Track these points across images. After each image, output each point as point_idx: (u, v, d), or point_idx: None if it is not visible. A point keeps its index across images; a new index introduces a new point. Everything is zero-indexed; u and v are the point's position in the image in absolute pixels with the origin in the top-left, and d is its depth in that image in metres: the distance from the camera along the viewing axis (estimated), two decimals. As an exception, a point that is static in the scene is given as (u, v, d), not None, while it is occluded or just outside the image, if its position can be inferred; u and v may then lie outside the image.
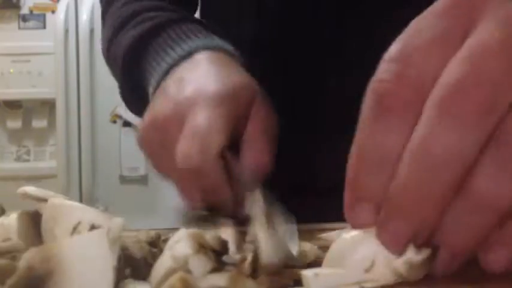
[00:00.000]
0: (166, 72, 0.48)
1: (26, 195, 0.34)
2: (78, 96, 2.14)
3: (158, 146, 0.45)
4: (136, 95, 0.55)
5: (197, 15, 0.67)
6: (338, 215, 0.32)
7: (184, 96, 0.44)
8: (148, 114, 0.46)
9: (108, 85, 2.18)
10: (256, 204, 0.38)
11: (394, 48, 0.29)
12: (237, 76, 0.46)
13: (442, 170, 0.26)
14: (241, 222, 0.41)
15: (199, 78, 0.45)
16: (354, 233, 0.30)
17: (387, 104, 0.28)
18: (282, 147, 0.61)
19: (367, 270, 0.29)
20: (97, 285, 0.22)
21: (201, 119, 0.42)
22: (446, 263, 0.29)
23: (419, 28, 0.29)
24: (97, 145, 2.22)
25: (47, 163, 2.23)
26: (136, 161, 2.21)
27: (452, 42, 0.27)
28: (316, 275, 0.27)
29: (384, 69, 0.28)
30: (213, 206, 0.44)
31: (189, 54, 0.48)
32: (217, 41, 0.50)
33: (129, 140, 2.22)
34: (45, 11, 2.22)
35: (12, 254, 0.27)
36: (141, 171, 2.22)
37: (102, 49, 0.62)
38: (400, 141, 0.27)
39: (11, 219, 0.32)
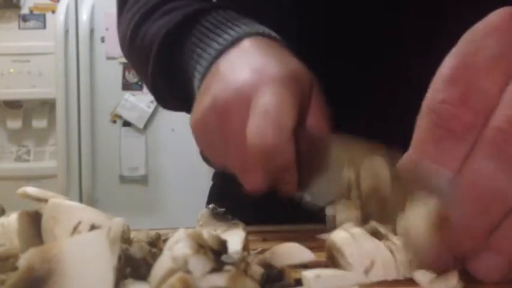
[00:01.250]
0: (215, 59, 0.47)
1: (26, 195, 0.34)
2: (78, 96, 2.14)
3: (218, 130, 0.43)
4: (171, 85, 0.54)
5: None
6: None
7: (246, 79, 0.43)
8: (207, 98, 0.44)
9: (108, 85, 2.19)
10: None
11: (452, 66, 0.28)
12: (295, 61, 0.45)
13: (487, 209, 0.27)
14: (297, 205, 0.40)
15: (258, 61, 0.44)
16: (353, 230, 0.30)
17: (449, 127, 0.27)
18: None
19: (367, 270, 0.29)
20: (97, 286, 0.22)
21: (271, 98, 0.41)
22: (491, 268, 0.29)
23: (477, 45, 0.28)
24: (97, 145, 2.22)
25: (47, 163, 2.23)
26: (136, 161, 2.22)
27: (504, 72, 0.27)
28: (318, 276, 0.27)
29: (445, 89, 0.28)
30: (276, 189, 0.43)
31: (236, 41, 0.47)
32: (260, 27, 0.49)
33: (129, 140, 2.23)
34: (45, 11, 2.22)
35: (8, 259, 0.28)
36: (141, 171, 2.22)
37: (122, 42, 0.60)
38: (457, 165, 0.27)
39: (11, 219, 0.32)
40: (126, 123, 2.22)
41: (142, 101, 2.18)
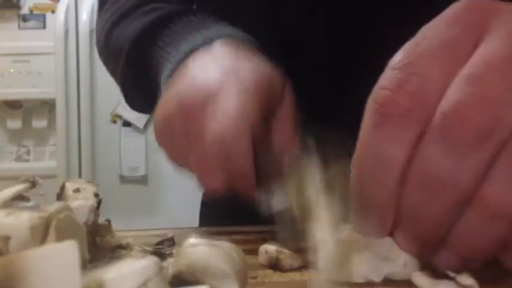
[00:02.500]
0: (185, 57, 0.47)
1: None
2: (78, 96, 2.14)
3: (181, 130, 0.43)
4: (139, 86, 0.54)
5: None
6: None
7: (212, 80, 0.42)
8: (170, 99, 0.44)
9: (108, 85, 2.18)
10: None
11: (398, 55, 0.28)
12: (265, 64, 0.45)
13: (440, 195, 0.26)
14: (258, 212, 0.40)
15: (226, 63, 0.44)
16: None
17: (386, 112, 0.27)
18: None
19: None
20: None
21: (234, 100, 0.40)
22: (450, 263, 0.29)
23: (426, 35, 0.28)
24: (97, 145, 2.22)
25: (47, 163, 2.23)
26: (136, 161, 2.22)
27: (459, 52, 0.27)
28: None
29: (386, 76, 0.28)
30: (234, 193, 0.43)
31: (207, 41, 0.47)
32: (234, 30, 0.49)
33: (129, 140, 2.22)
34: (45, 11, 2.22)
35: None
36: (141, 171, 2.22)
37: (98, 41, 0.60)
38: (399, 150, 0.27)
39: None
40: (126, 123, 2.22)
41: (142, 101, 2.18)
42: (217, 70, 0.43)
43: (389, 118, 0.27)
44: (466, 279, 0.28)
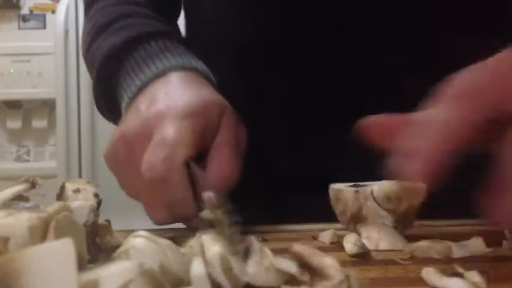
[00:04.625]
0: (139, 90, 0.49)
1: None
2: (78, 96, 2.14)
3: (125, 162, 0.45)
4: (110, 105, 0.56)
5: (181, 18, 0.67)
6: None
7: (153, 112, 0.44)
8: (118, 130, 0.46)
9: (108, 85, 2.18)
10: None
11: None
12: (206, 93, 0.47)
13: None
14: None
15: (170, 96, 0.46)
16: None
17: None
18: (282, 147, 0.61)
19: None
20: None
21: (167, 130, 0.42)
22: None
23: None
24: (97, 145, 2.22)
25: (47, 163, 2.23)
26: (136, 161, 2.21)
27: None
28: None
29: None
30: (179, 220, 0.44)
31: (162, 73, 0.49)
32: (191, 61, 0.51)
33: (129, 140, 2.22)
34: (45, 11, 2.22)
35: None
36: (141, 171, 2.22)
37: (82, 50, 0.62)
38: None
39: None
40: (126, 123, 2.22)
41: (142, 101, 2.18)
42: (158, 103, 0.45)
43: None
44: (474, 276, 0.28)
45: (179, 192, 0.42)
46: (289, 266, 0.29)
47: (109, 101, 0.55)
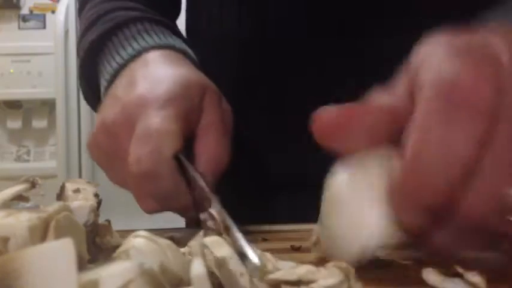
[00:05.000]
0: (116, 73, 0.47)
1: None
2: (78, 96, 2.14)
3: (109, 152, 0.44)
4: (96, 96, 0.54)
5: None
6: None
7: (133, 98, 0.43)
8: (98, 119, 0.45)
9: (108, 85, 2.18)
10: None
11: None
12: (185, 73, 0.45)
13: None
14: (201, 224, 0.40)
15: (148, 79, 0.44)
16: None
17: (456, 100, 0.27)
18: (274, 146, 0.61)
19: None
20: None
21: (152, 121, 0.40)
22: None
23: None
24: (97, 145, 2.22)
25: (47, 163, 2.23)
26: (136, 161, 2.21)
27: None
28: None
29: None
30: (172, 210, 0.43)
31: (138, 54, 0.47)
32: (169, 39, 0.49)
33: (129, 140, 2.22)
34: (45, 11, 2.22)
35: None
36: (141, 171, 2.22)
37: (78, 40, 0.62)
38: (471, 146, 0.26)
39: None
40: (126, 123, 2.22)
41: (142, 101, 2.18)
42: (137, 88, 0.43)
43: (460, 108, 0.26)
44: (473, 277, 0.28)
45: (169, 185, 0.40)
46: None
47: (96, 92, 0.54)
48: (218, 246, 0.27)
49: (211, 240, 0.28)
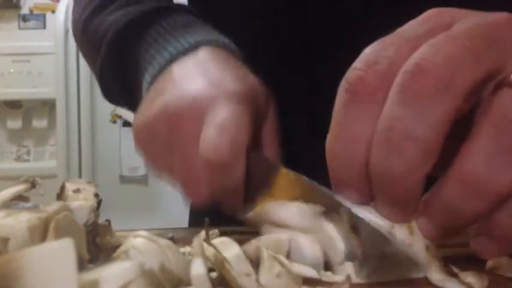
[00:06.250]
0: (168, 63, 0.46)
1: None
2: (78, 96, 2.14)
3: (165, 138, 0.42)
4: (118, 79, 0.52)
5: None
6: None
7: (202, 90, 0.41)
8: (153, 104, 0.43)
9: (108, 85, 2.18)
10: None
11: (372, 44, 0.30)
12: (251, 76, 0.44)
13: (404, 149, 0.27)
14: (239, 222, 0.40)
15: (214, 73, 0.43)
16: None
17: (355, 90, 0.29)
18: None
19: None
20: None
21: (228, 113, 0.40)
22: (429, 233, 0.29)
23: (399, 31, 0.30)
24: (97, 145, 2.22)
25: (47, 163, 2.23)
26: (136, 161, 2.21)
27: (425, 39, 0.29)
28: None
29: (359, 59, 0.30)
30: (218, 205, 0.42)
31: (192, 48, 0.46)
32: (217, 35, 0.48)
33: (129, 140, 2.22)
34: (45, 11, 2.22)
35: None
36: (141, 171, 2.22)
37: (74, 28, 0.59)
38: (368, 126, 0.28)
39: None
40: (126, 123, 2.22)
41: (143, 101, 2.18)
42: (203, 78, 0.42)
43: (357, 96, 0.29)
44: (467, 277, 0.28)
45: (240, 177, 0.40)
46: (308, 270, 0.29)
47: (120, 80, 0.52)
48: (226, 247, 0.27)
49: (219, 241, 0.28)
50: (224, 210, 0.43)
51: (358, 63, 0.29)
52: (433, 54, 0.27)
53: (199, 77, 0.43)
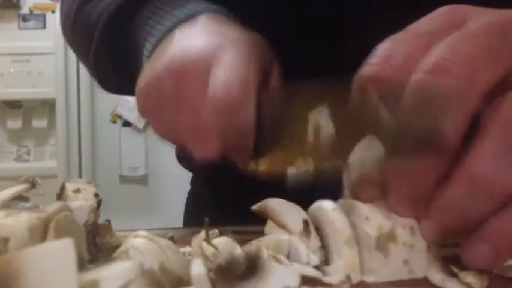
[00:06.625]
0: (170, 30, 0.44)
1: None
2: (78, 96, 2.14)
3: (171, 93, 0.40)
4: (115, 63, 0.51)
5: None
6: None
7: (207, 42, 0.40)
8: (159, 61, 0.41)
9: (108, 85, 2.18)
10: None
11: (386, 40, 0.30)
12: (254, 33, 0.43)
13: (421, 148, 0.27)
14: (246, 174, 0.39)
15: (218, 30, 0.42)
16: None
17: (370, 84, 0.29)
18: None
19: None
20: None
21: (237, 55, 0.38)
22: (430, 234, 0.29)
23: (412, 27, 0.31)
24: (97, 145, 2.22)
25: (47, 163, 2.23)
26: (136, 161, 2.22)
27: (441, 36, 0.29)
28: None
29: (374, 55, 0.30)
30: (226, 161, 0.40)
31: (193, 15, 0.45)
32: (215, 6, 0.47)
33: (129, 140, 2.22)
34: (45, 11, 2.22)
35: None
36: (141, 171, 2.22)
37: (64, 23, 0.58)
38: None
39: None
40: (126, 123, 2.22)
41: (142, 101, 2.18)
42: (207, 34, 0.41)
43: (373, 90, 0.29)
44: (467, 277, 0.28)
45: (248, 119, 0.38)
46: (309, 270, 0.29)
47: (117, 63, 0.51)
48: (226, 247, 0.27)
49: (219, 241, 0.28)
50: (233, 164, 0.41)
51: (374, 58, 0.29)
52: (452, 53, 0.27)
53: (203, 33, 0.42)
